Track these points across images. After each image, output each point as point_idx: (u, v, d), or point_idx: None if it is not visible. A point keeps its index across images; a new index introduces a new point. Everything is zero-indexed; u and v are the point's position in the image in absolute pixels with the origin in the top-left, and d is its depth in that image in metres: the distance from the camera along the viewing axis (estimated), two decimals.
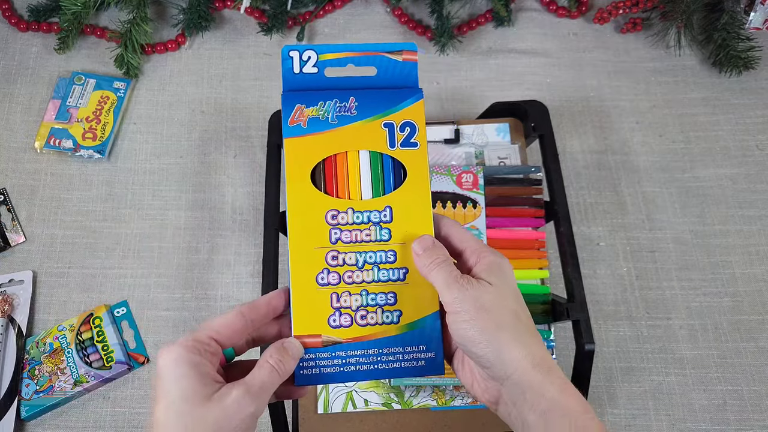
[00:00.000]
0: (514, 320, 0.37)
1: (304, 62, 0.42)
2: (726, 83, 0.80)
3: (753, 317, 0.68)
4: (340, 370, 0.40)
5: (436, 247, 0.39)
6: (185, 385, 0.34)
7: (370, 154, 0.42)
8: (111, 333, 0.65)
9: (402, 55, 0.42)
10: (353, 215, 0.41)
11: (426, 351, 0.40)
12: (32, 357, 0.64)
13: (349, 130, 0.41)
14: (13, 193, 0.73)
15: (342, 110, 0.42)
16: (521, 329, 0.37)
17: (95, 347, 0.64)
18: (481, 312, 0.36)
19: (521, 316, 0.37)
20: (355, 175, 0.42)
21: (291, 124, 0.41)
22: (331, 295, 0.40)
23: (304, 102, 0.42)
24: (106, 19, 0.83)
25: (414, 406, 0.58)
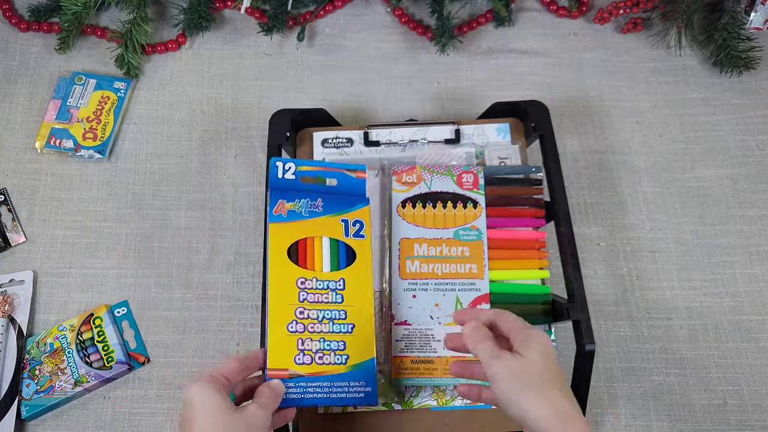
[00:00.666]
0: (539, 381, 0.44)
1: (286, 170, 0.58)
2: (726, 83, 0.80)
3: (753, 317, 0.68)
4: (302, 397, 0.53)
5: (479, 329, 0.48)
6: (216, 401, 0.45)
7: (330, 240, 0.57)
8: (111, 333, 0.65)
9: (356, 173, 0.59)
10: (316, 282, 0.55)
11: (365, 386, 0.54)
12: (33, 357, 0.64)
13: (317, 222, 0.57)
14: (13, 193, 0.73)
15: (312, 207, 0.58)
16: (546, 387, 0.44)
17: (96, 347, 0.65)
18: (512, 377, 0.44)
19: (546, 376, 0.45)
20: (319, 253, 0.57)
21: (275, 213, 0.57)
22: (297, 340, 0.54)
23: (285, 198, 0.58)
24: (107, 19, 0.83)
25: (414, 406, 0.58)
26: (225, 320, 0.68)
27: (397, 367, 0.58)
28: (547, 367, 0.45)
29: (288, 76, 0.80)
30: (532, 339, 0.47)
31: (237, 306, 0.68)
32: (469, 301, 0.59)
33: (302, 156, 0.67)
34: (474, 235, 0.61)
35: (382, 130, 0.68)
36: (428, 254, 0.60)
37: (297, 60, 0.82)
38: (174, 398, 0.64)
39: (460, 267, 0.60)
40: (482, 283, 0.59)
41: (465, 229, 0.61)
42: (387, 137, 0.67)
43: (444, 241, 0.61)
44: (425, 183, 0.63)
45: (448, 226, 0.61)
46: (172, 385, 0.65)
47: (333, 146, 0.67)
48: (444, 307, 0.59)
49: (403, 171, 0.63)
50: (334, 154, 0.67)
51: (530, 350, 0.46)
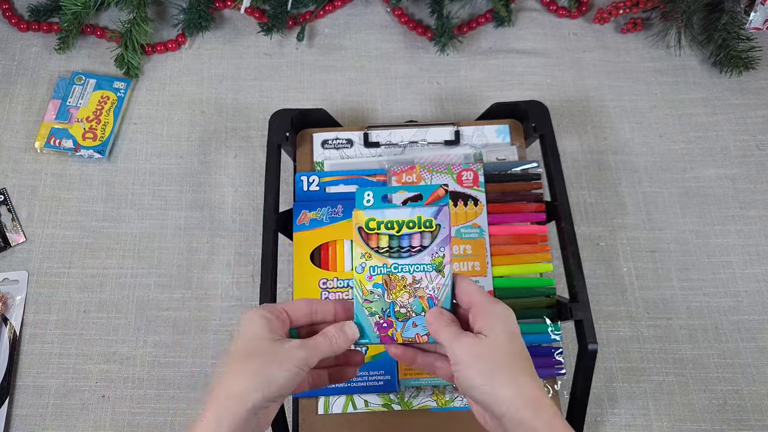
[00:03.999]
0: (506, 363, 0.42)
1: (310, 183, 0.64)
2: (726, 83, 0.80)
3: (753, 317, 0.68)
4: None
5: (442, 314, 0.45)
6: (256, 329, 0.43)
7: (352, 242, 0.57)
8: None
9: (376, 177, 0.64)
10: (337, 282, 0.60)
11: (384, 374, 0.58)
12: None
13: (337, 227, 0.62)
14: (13, 193, 0.73)
15: (332, 213, 0.63)
16: (515, 371, 0.41)
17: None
18: (477, 361, 0.42)
19: (513, 359, 0.42)
20: (340, 255, 0.62)
21: (299, 223, 0.63)
22: None
23: (308, 209, 0.63)
24: (107, 19, 0.83)
25: (414, 407, 0.58)
26: (225, 320, 0.68)
27: (403, 368, 0.58)
28: (513, 348, 0.42)
29: (288, 76, 0.80)
30: (496, 316, 0.43)
31: (237, 306, 0.68)
32: None
33: (302, 157, 0.67)
34: (475, 232, 0.61)
35: (381, 131, 0.68)
36: None
37: (297, 60, 0.81)
38: (174, 398, 0.64)
39: (462, 265, 0.60)
40: (485, 280, 0.59)
41: (466, 227, 0.61)
42: (387, 138, 0.67)
43: None
44: (425, 182, 0.63)
45: None
46: (172, 385, 0.65)
47: (333, 147, 0.67)
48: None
49: (402, 171, 0.63)
50: (334, 155, 0.67)
51: (494, 330, 0.43)
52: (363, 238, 0.47)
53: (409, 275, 0.47)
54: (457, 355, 0.42)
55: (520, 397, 0.40)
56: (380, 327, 0.46)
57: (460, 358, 0.42)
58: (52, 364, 0.65)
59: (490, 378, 0.41)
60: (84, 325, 0.67)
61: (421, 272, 0.47)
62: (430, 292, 0.46)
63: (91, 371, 0.65)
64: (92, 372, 0.65)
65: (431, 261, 0.46)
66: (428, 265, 0.47)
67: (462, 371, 0.42)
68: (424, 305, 0.46)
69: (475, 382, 0.41)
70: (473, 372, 0.41)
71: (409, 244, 0.47)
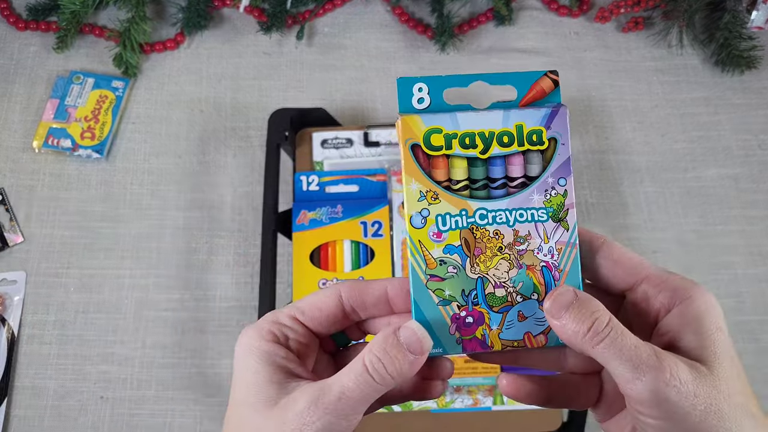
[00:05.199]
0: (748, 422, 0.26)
1: (310, 183, 0.62)
2: (728, 83, 0.80)
3: (755, 318, 0.68)
4: None
5: (585, 302, 0.26)
6: (251, 383, 0.27)
7: (351, 242, 0.61)
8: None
9: (376, 177, 0.62)
10: (337, 282, 0.56)
11: None
12: None
13: (336, 227, 0.61)
14: (11, 193, 0.72)
15: (332, 213, 0.62)
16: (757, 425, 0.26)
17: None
18: (703, 421, 0.25)
19: (752, 410, 0.26)
20: (340, 255, 0.61)
21: (298, 223, 0.62)
22: None
23: (307, 209, 0.62)
24: (105, 18, 0.82)
25: (414, 408, 0.58)
26: (224, 321, 0.67)
27: None
28: (746, 387, 0.27)
29: (287, 75, 0.80)
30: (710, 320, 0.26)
31: (236, 307, 0.68)
32: None
33: (301, 156, 0.67)
34: None
35: (381, 131, 0.67)
36: None
37: (296, 59, 0.81)
38: (173, 399, 0.64)
39: None
40: None
41: None
42: (387, 138, 0.67)
43: None
44: None
45: None
46: (171, 386, 0.64)
47: (333, 147, 0.67)
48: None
49: None
50: (333, 154, 0.67)
51: (718, 355, 0.26)
52: (421, 165, 0.29)
53: (508, 229, 0.29)
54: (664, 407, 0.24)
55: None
56: (462, 323, 0.29)
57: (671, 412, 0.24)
58: (50, 364, 0.65)
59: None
60: (82, 325, 0.67)
61: (529, 223, 0.29)
62: (546, 258, 0.29)
63: (90, 372, 0.65)
64: (91, 373, 0.65)
65: (545, 203, 0.29)
66: (540, 210, 0.29)
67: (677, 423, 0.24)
68: (536, 281, 0.29)
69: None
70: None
71: (505, 173, 0.29)
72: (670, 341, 0.26)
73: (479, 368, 0.57)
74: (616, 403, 0.29)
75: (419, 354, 0.27)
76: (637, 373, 0.24)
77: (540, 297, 0.29)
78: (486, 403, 0.58)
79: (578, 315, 0.26)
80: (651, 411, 0.25)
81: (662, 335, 0.27)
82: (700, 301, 0.27)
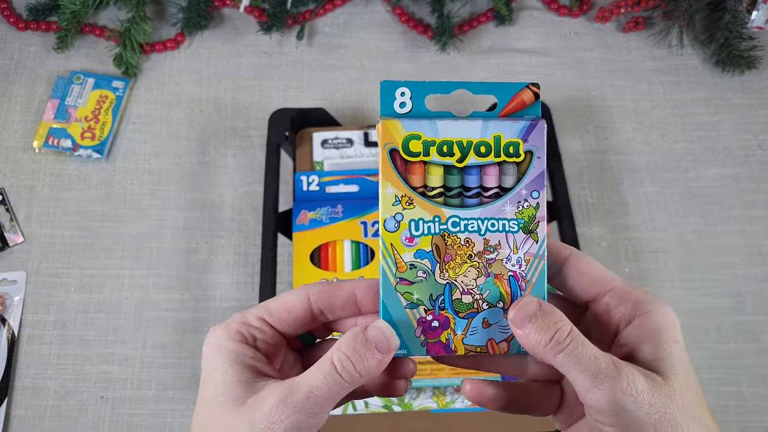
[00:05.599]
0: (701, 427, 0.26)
1: (310, 183, 0.62)
2: (728, 83, 0.80)
3: (755, 318, 0.68)
4: None
5: (548, 313, 0.27)
6: (219, 382, 0.28)
7: (351, 242, 0.61)
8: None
9: (377, 177, 0.47)
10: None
11: None
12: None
13: (337, 227, 0.61)
14: (11, 193, 0.72)
15: (332, 213, 0.62)
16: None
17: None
18: (660, 426, 0.25)
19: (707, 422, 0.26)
20: (340, 255, 0.61)
21: (298, 223, 0.62)
22: None
23: (307, 209, 0.62)
24: (105, 18, 0.82)
25: (414, 408, 0.58)
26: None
27: None
28: (701, 400, 0.27)
29: (287, 75, 0.80)
30: (667, 332, 0.28)
31: (236, 307, 0.68)
32: None
33: (302, 156, 0.67)
34: None
35: None
36: None
37: (296, 59, 0.81)
38: (173, 399, 0.64)
39: None
40: None
41: None
42: None
43: None
44: None
45: None
46: (171, 386, 0.64)
47: (333, 147, 0.67)
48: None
49: None
50: (334, 154, 0.67)
51: (675, 367, 0.26)
52: (398, 170, 0.29)
53: (479, 237, 0.29)
54: (621, 416, 0.25)
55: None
56: (427, 327, 0.29)
57: (627, 421, 0.25)
58: (51, 365, 0.65)
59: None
60: (82, 325, 0.67)
61: (500, 233, 0.29)
62: (514, 268, 0.29)
63: (90, 372, 0.65)
64: (91, 373, 0.65)
65: (516, 214, 0.29)
66: (511, 221, 0.29)
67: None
68: (502, 290, 0.29)
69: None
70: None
71: (480, 183, 0.29)
72: (629, 352, 0.27)
73: None
74: (576, 411, 0.30)
75: (386, 353, 0.27)
76: (595, 382, 0.25)
77: (505, 305, 0.29)
78: None
79: (541, 325, 0.26)
80: (609, 419, 0.25)
81: (621, 346, 0.27)
82: (659, 314, 0.28)
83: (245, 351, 0.29)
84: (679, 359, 0.27)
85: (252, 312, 0.30)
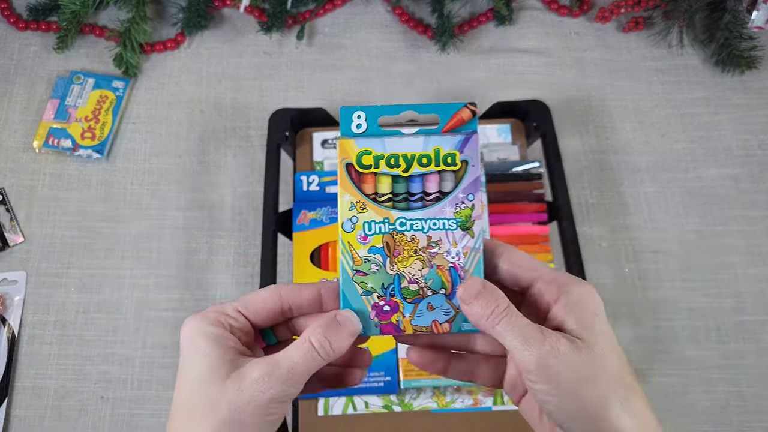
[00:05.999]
0: (622, 389, 0.30)
1: (310, 183, 0.61)
2: (728, 83, 0.80)
3: (755, 318, 0.68)
4: None
5: (490, 291, 0.31)
6: (203, 361, 0.31)
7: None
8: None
9: None
10: None
11: (385, 376, 0.56)
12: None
13: (337, 227, 0.55)
14: (11, 193, 0.72)
15: (332, 213, 0.61)
16: (630, 398, 0.30)
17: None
18: (581, 386, 0.29)
19: (627, 379, 0.30)
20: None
21: (298, 223, 0.61)
22: None
23: (307, 209, 0.62)
24: (105, 18, 0.82)
25: (414, 408, 0.58)
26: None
27: (405, 368, 0.58)
28: (622, 359, 0.30)
29: (287, 75, 0.80)
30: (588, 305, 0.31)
31: None
32: None
33: (302, 156, 0.67)
34: None
35: None
36: None
37: (296, 59, 0.81)
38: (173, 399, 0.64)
39: None
40: None
41: None
42: None
43: None
44: None
45: None
46: (171, 386, 0.64)
47: (333, 147, 0.67)
48: None
49: None
50: (334, 154, 0.67)
51: (593, 329, 0.30)
52: (353, 180, 0.34)
53: (423, 235, 0.34)
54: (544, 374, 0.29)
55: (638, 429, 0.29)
56: (380, 311, 0.34)
57: (550, 381, 0.29)
58: (51, 364, 0.65)
59: (603, 409, 0.29)
60: (82, 325, 0.67)
61: (440, 230, 0.34)
62: (453, 260, 0.34)
63: (90, 372, 0.65)
64: (91, 373, 0.65)
65: (455, 214, 0.34)
66: (450, 221, 0.34)
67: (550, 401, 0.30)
68: (444, 279, 0.34)
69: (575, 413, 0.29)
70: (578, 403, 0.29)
71: (423, 189, 0.34)
72: (557, 326, 0.31)
73: None
74: (518, 385, 0.34)
75: (354, 332, 0.33)
76: (525, 345, 0.30)
77: (447, 292, 0.34)
78: (486, 403, 0.58)
79: (485, 301, 0.31)
80: (537, 377, 0.30)
81: (551, 321, 0.32)
82: (580, 292, 0.32)
83: (225, 335, 0.32)
84: (600, 328, 0.31)
85: (228, 305, 0.34)
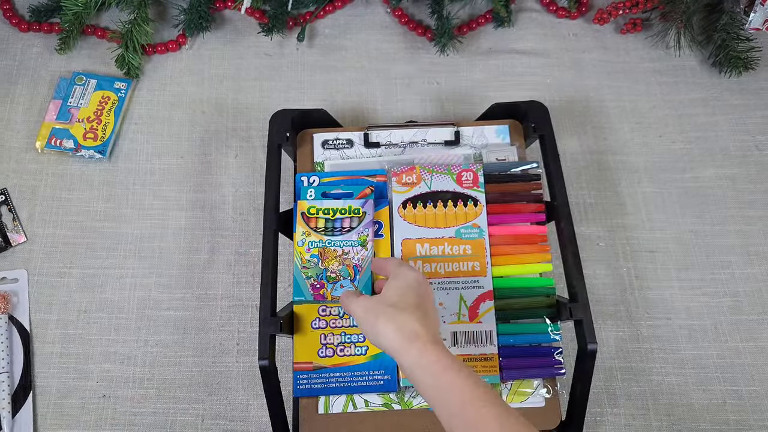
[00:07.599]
0: (390, 310, 0.48)
1: (311, 183, 0.64)
2: (726, 84, 0.80)
3: (752, 317, 0.68)
4: (324, 386, 0.58)
5: (346, 294, 0.53)
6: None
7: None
8: None
9: (377, 178, 0.64)
10: None
11: (384, 374, 0.58)
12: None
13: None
14: (14, 193, 0.73)
15: None
16: (396, 313, 0.48)
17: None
18: (366, 313, 0.49)
19: (399, 306, 0.48)
20: None
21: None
22: (320, 335, 0.59)
23: None
24: (107, 19, 0.83)
25: (414, 406, 0.58)
26: (225, 320, 0.68)
27: None
28: (402, 298, 0.49)
29: (288, 76, 0.81)
30: (393, 277, 0.51)
31: (237, 306, 0.68)
32: (473, 299, 0.59)
33: (302, 157, 0.68)
34: (475, 233, 0.61)
35: (381, 132, 0.68)
36: (430, 254, 0.61)
37: (297, 60, 0.82)
38: (175, 398, 0.64)
39: (462, 265, 0.60)
40: (485, 280, 0.60)
41: (466, 228, 0.61)
42: (387, 139, 0.68)
43: (446, 240, 0.61)
44: (425, 183, 0.63)
45: (449, 225, 0.61)
46: (173, 384, 0.65)
47: (333, 147, 0.67)
48: (448, 305, 0.59)
49: (402, 172, 0.64)
50: (334, 155, 0.67)
51: (388, 288, 0.50)
52: (304, 221, 0.61)
53: (340, 248, 0.60)
54: (356, 313, 0.50)
55: (398, 332, 0.46)
56: (314, 288, 0.59)
57: (357, 314, 0.50)
58: (53, 363, 0.65)
59: (375, 323, 0.48)
60: (85, 325, 0.67)
61: (349, 246, 0.60)
62: (356, 261, 0.60)
63: (92, 371, 0.65)
64: (93, 372, 0.65)
65: (358, 238, 0.60)
66: (355, 242, 0.60)
67: (360, 326, 0.49)
68: (350, 271, 0.60)
69: (367, 330, 0.49)
70: (364, 322, 0.49)
71: (341, 225, 0.61)
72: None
73: (479, 368, 0.58)
74: None
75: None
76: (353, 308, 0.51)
77: (351, 278, 0.60)
78: None
79: (346, 297, 0.52)
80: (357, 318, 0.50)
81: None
82: (395, 272, 0.52)
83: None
84: (392, 286, 0.50)
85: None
